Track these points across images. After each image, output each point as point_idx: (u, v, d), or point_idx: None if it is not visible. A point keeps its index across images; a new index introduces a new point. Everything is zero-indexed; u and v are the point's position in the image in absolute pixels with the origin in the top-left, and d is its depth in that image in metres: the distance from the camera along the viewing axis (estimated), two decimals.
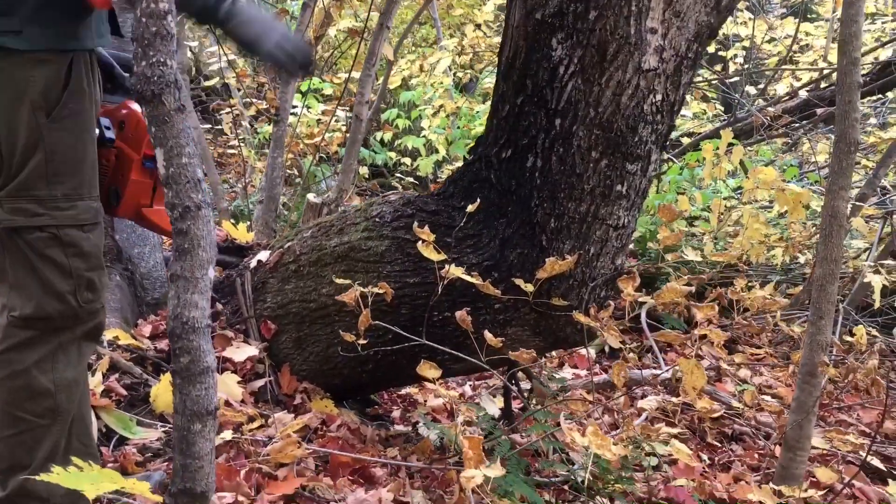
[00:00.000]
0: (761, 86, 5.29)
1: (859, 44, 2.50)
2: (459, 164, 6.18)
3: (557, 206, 2.32)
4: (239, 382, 2.56)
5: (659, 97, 2.28)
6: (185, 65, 3.87)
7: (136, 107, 1.72)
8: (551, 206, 2.33)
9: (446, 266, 2.14)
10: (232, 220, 3.95)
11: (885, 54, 5.31)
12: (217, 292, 3.02)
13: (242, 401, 2.54)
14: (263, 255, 2.96)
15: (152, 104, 1.15)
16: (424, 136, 6.47)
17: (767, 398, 3.42)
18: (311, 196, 3.61)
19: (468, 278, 2.14)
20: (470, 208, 2.26)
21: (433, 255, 2.10)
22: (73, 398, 1.56)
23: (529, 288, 2.23)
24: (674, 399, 2.92)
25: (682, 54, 2.27)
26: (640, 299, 2.32)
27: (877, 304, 3.66)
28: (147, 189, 1.83)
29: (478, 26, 5.55)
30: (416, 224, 2.21)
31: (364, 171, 5.94)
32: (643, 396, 3.43)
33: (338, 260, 2.65)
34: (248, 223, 3.99)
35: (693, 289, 2.19)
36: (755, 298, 3.70)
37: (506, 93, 2.38)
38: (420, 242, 2.16)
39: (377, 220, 2.61)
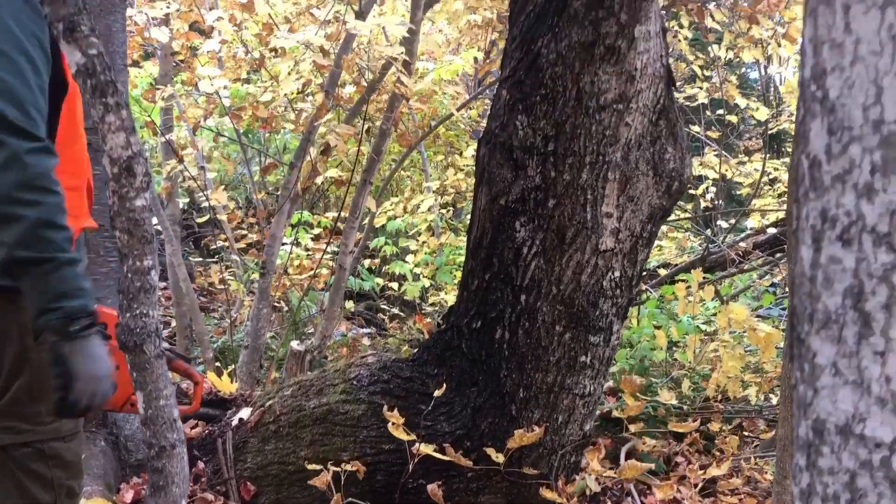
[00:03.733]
0: (732, 221, 5.52)
1: None
2: (443, 293, 6.36)
3: (525, 377, 2.43)
4: None
5: (617, 274, 2.43)
6: (176, 217, 4.05)
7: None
8: (520, 377, 2.44)
9: (417, 444, 2.23)
10: (217, 364, 4.03)
11: None
12: (199, 449, 3.08)
13: None
14: (245, 413, 3.03)
15: (134, 353, 1.27)
16: (410, 262, 6.65)
17: None
18: (294, 344, 3.72)
19: (439, 455, 2.23)
20: (437, 393, 2.37)
21: (403, 435, 2.19)
22: None
23: (500, 459, 2.31)
24: None
25: (638, 234, 2.43)
26: (625, 434, 2.38)
27: None
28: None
29: (460, 169, 5.83)
30: (385, 408, 2.31)
31: (350, 304, 6.07)
32: None
33: (316, 422, 2.73)
34: (233, 368, 4.08)
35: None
36: (731, 441, 3.77)
37: (475, 269, 2.53)
38: (390, 424, 2.25)
39: (354, 382, 2.71)
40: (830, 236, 0.66)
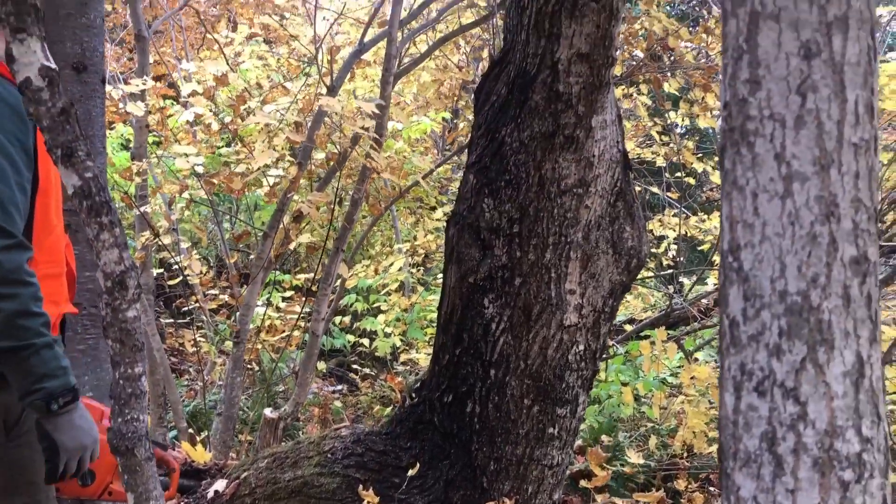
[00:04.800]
0: (694, 278, 5.70)
1: None
2: (415, 351, 6.43)
3: (496, 450, 2.52)
4: None
5: (581, 347, 2.54)
6: (150, 286, 4.10)
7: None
8: (490, 450, 2.52)
9: None
10: (190, 431, 4.05)
11: None
12: None
13: None
14: (220, 485, 3.07)
15: (126, 456, 1.34)
16: (381, 320, 6.72)
17: None
18: (267, 411, 3.76)
19: None
20: (411, 473, 2.45)
21: None
22: None
23: None
24: None
25: (600, 309, 2.56)
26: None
27: None
28: (113, 467, 1.99)
29: (430, 231, 5.97)
30: (360, 486, 2.38)
31: (321, 364, 6.11)
32: None
33: (291, 495, 2.77)
34: (206, 434, 4.10)
35: None
36: (697, 498, 3.87)
37: (445, 343, 2.63)
38: (365, 502, 2.32)
39: (329, 455, 2.77)
40: (748, 387, 0.77)
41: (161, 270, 5.15)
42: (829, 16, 0.75)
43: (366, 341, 7.30)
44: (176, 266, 5.95)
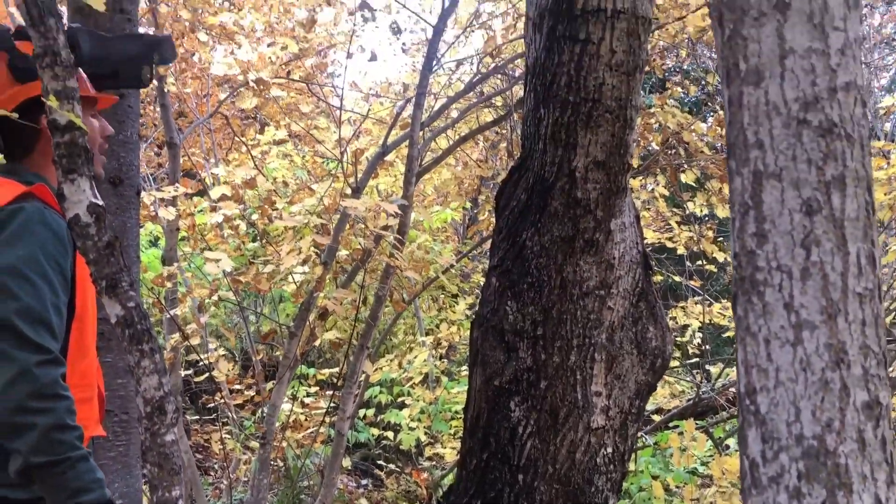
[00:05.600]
0: (721, 365, 5.65)
1: None
2: (440, 445, 6.36)
3: None
4: None
5: (610, 450, 2.53)
6: (178, 387, 4.15)
7: None
8: None
9: None
10: None
11: None
12: None
13: None
14: None
15: None
16: (406, 414, 6.68)
17: None
18: None
19: None
20: None
21: None
22: None
23: None
24: None
25: (627, 411, 2.56)
26: None
27: None
28: None
29: (452, 323, 6.01)
30: None
31: (346, 462, 6.07)
32: None
33: None
34: None
35: None
36: None
37: (472, 448, 2.63)
38: None
39: None
40: None
41: (189, 371, 5.21)
42: (826, 176, 0.81)
43: (390, 434, 7.25)
44: (202, 363, 6.01)
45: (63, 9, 3.08)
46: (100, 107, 1.99)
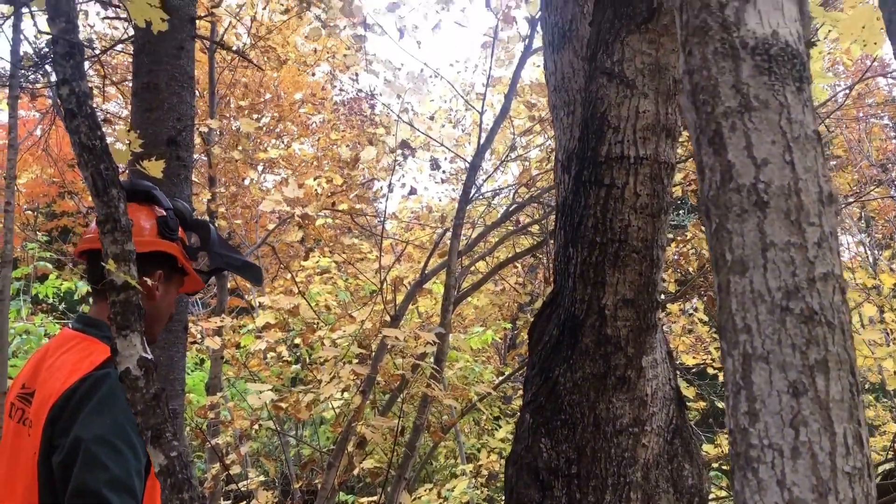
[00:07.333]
0: None
1: None
2: None
3: None
4: None
5: None
6: None
7: None
8: None
9: None
10: None
11: None
12: None
13: None
14: None
15: None
16: None
17: None
18: None
19: None
20: None
21: None
22: None
23: None
24: None
25: None
26: None
27: None
28: None
29: (492, 450, 5.95)
30: None
31: None
32: None
33: None
34: None
35: None
36: None
37: None
38: None
39: None
40: None
41: (229, 502, 5.21)
42: (810, 360, 0.87)
43: None
44: (241, 489, 6.00)
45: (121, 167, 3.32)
46: (186, 289, 2.15)
